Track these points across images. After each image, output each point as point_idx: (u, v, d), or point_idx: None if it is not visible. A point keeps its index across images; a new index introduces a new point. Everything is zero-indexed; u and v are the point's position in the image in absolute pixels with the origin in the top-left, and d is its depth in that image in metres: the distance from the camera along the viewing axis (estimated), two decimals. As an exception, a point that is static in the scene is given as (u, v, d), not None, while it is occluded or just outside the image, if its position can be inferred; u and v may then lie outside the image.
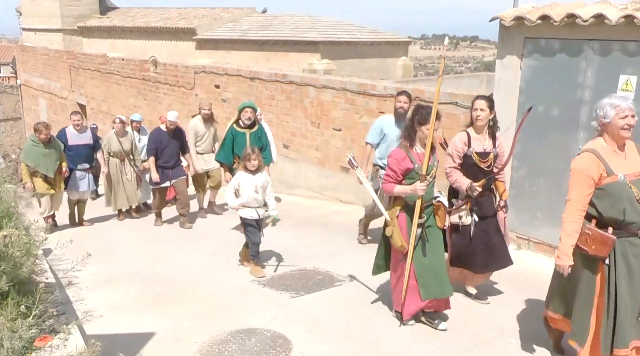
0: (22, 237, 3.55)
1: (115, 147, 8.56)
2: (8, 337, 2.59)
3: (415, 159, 4.31)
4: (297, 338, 4.36)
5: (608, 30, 5.22)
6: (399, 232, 4.37)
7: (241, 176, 5.72)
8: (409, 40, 22.97)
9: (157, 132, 8.09)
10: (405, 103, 6.19)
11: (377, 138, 6.36)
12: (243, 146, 6.82)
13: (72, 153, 8.15)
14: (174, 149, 8.10)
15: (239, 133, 7.21)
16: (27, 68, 23.42)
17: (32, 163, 7.60)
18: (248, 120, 7.19)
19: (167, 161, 8.01)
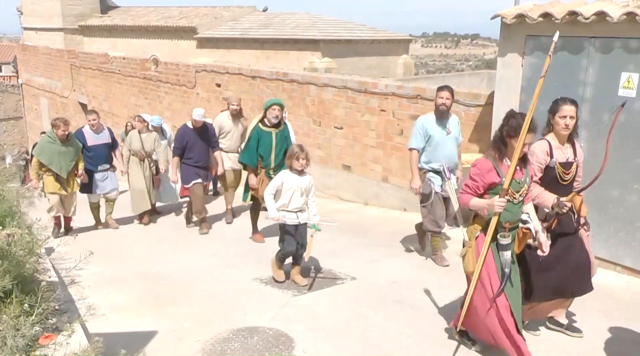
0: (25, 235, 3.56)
1: (136, 145, 8.23)
2: (11, 335, 2.60)
3: (503, 173, 3.75)
4: (299, 337, 4.37)
5: (609, 27, 5.22)
6: (473, 255, 3.85)
7: (286, 176, 5.29)
8: (410, 38, 22.94)
9: (184, 130, 7.60)
10: (447, 100, 5.77)
11: (423, 142, 5.82)
12: (269, 146, 6.58)
13: (91, 154, 7.78)
14: (202, 148, 7.61)
15: (264, 133, 6.63)
16: (29, 67, 23.44)
17: (46, 160, 7.18)
18: (275, 118, 6.59)
19: (198, 160, 7.55)
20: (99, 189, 7.89)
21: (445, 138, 5.81)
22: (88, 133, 7.85)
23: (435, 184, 5.78)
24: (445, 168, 4.99)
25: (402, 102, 8.00)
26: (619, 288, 5.26)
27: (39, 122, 23.00)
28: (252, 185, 6.64)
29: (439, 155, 5.77)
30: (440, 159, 5.72)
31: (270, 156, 6.61)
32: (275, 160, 6.63)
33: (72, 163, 7.34)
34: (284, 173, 5.34)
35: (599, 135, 5.52)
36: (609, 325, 4.52)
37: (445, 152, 5.80)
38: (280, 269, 5.60)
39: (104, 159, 7.93)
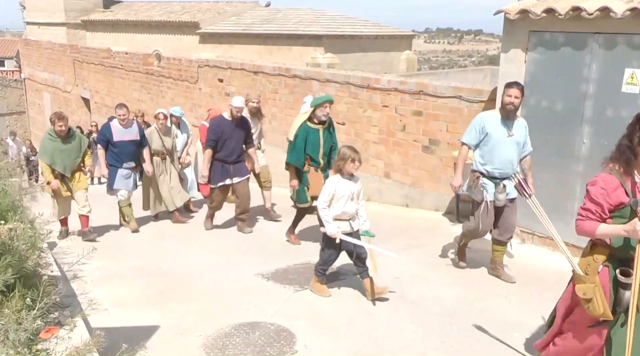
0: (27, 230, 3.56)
1: (157, 145, 7.78)
2: (13, 329, 2.61)
3: (632, 190, 3.11)
4: (301, 332, 4.38)
5: (613, 23, 5.20)
6: (602, 295, 3.12)
7: (338, 182, 4.84)
8: (413, 34, 22.91)
9: (219, 121, 7.01)
10: (516, 99, 5.05)
11: (477, 139, 5.26)
12: (316, 145, 6.21)
13: (117, 150, 7.32)
14: (238, 142, 7.03)
15: (312, 131, 6.21)
16: (31, 62, 23.46)
17: (48, 160, 6.76)
18: (325, 116, 6.22)
19: (229, 155, 6.98)
20: (123, 184, 7.39)
21: (506, 140, 5.15)
22: (115, 128, 7.37)
23: (488, 192, 5.21)
24: (520, 180, 4.40)
25: (404, 98, 7.99)
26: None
27: (42, 116, 23.04)
28: (293, 185, 6.32)
29: (495, 158, 5.17)
30: (496, 163, 5.17)
31: (318, 155, 6.27)
32: (323, 159, 6.32)
33: (76, 160, 6.91)
34: (336, 180, 4.86)
35: (603, 131, 5.50)
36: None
37: (503, 156, 5.15)
38: (323, 284, 5.16)
39: (129, 156, 7.40)
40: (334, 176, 4.93)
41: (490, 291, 5.13)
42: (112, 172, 7.38)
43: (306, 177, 6.30)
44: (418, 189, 8.02)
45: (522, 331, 4.38)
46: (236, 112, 6.93)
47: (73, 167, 6.89)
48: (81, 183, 7.00)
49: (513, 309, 4.75)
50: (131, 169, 7.45)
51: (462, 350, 4.14)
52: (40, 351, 2.68)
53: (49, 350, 2.73)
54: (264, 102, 10.53)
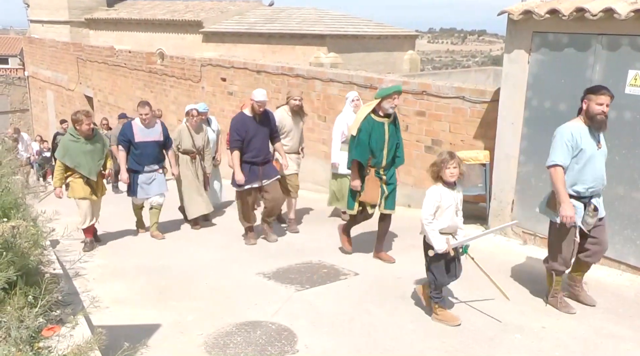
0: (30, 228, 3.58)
1: (187, 144, 7.33)
2: (15, 326, 2.62)
3: None
4: (302, 332, 4.38)
5: (617, 24, 5.19)
6: None
7: (443, 191, 4.32)
8: (416, 34, 22.89)
9: (241, 118, 6.45)
10: (607, 107, 4.36)
11: (569, 158, 4.44)
12: (381, 140, 5.58)
13: (138, 152, 6.81)
14: (263, 139, 6.48)
15: (377, 124, 5.57)
16: (35, 60, 23.50)
17: (71, 162, 6.21)
18: (393, 108, 5.61)
19: (257, 155, 6.39)
20: (144, 192, 6.93)
21: (597, 153, 4.49)
22: (137, 128, 6.85)
23: (578, 214, 4.50)
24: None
25: (407, 98, 7.98)
26: (623, 287, 5.24)
27: (45, 114, 23.09)
28: (355, 186, 5.66)
29: (588, 175, 4.46)
30: (589, 181, 4.48)
31: (382, 152, 5.61)
32: (387, 156, 5.67)
33: (100, 163, 6.45)
34: (439, 189, 4.34)
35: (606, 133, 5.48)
36: (612, 323, 4.51)
37: (595, 172, 4.48)
38: (446, 309, 4.58)
39: (152, 158, 6.89)
40: (435, 185, 4.37)
41: (491, 292, 5.12)
42: (133, 178, 6.90)
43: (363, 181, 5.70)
44: (421, 189, 8.01)
45: (523, 333, 4.37)
46: (258, 107, 6.35)
47: (97, 169, 6.42)
48: (102, 189, 6.61)
49: (514, 310, 4.74)
50: (153, 172, 6.95)
51: (462, 350, 4.14)
52: (42, 348, 2.69)
53: (50, 347, 2.74)
54: (266, 101, 10.56)
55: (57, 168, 6.33)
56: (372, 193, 5.64)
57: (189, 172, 7.37)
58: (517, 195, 6.37)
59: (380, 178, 5.67)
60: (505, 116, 6.38)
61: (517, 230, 6.44)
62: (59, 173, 6.29)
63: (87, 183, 6.30)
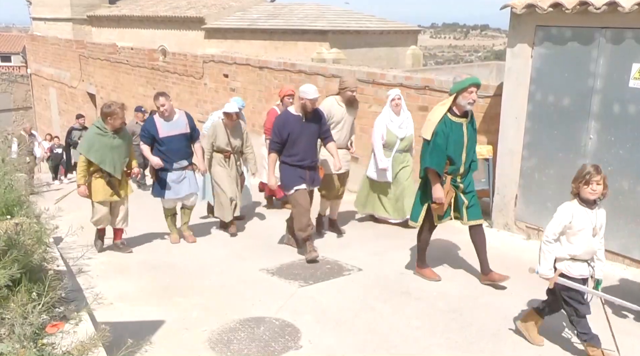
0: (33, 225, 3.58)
1: (222, 142, 6.68)
2: (19, 323, 2.62)
3: None
4: (306, 328, 4.38)
5: (621, 17, 5.16)
6: None
7: (576, 210, 3.76)
8: (419, 29, 22.80)
9: (285, 117, 5.75)
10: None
11: None
12: (459, 144, 4.85)
13: (164, 149, 6.20)
14: (310, 142, 5.77)
15: (454, 125, 4.83)
16: (37, 57, 23.51)
17: (97, 158, 5.74)
18: (471, 104, 4.85)
19: (302, 159, 5.73)
20: (173, 192, 6.35)
21: None
22: (160, 122, 6.24)
23: None
24: None
25: (410, 93, 7.96)
26: (627, 280, 5.23)
27: (48, 112, 23.11)
28: (438, 198, 4.87)
29: None
30: None
31: (461, 156, 4.90)
32: (466, 162, 4.98)
33: (126, 160, 6.00)
34: (572, 207, 3.77)
35: (609, 127, 5.47)
36: (618, 317, 4.50)
37: None
38: (599, 347, 3.86)
39: (180, 154, 6.31)
40: (570, 202, 3.82)
41: (494, 287, 5.11)
42: (161, 176, 6.33)
43: None
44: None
45: (527, 327, 4.36)
46: (310, 104, 5.67)
47: (123, 167, 5.98)
48: (127, 188, 6.15)
49: (518, 305, 4.74)
50: (183, 169, 6.37)
51: (466, 346, 4.13)
52: (46, 345, 2.69)
53: (54, 344, 2.74)
54: (269, 98, 10.55)
55: (81, 165, 5.84)
56: (445, 205, 4.93)
57: (225, 174, 6.74)
58: (521, 189, 6.35)
59: (456, 187, 4.98)
60: (509, 111, 6.35)
61: (520, 225, 6.42)
62: (83, 170, 5.80)
63: (109, 183, 5.86)
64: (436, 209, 4.97)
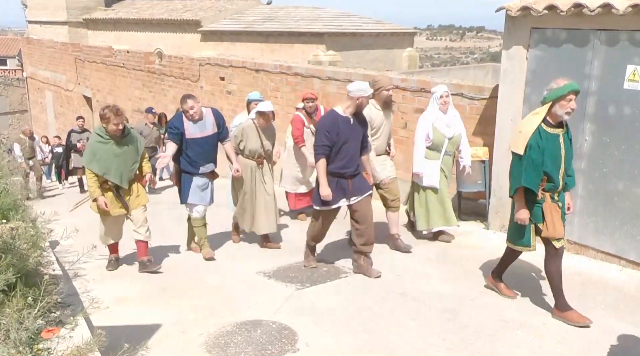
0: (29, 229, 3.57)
1: (254, 144, 6.04)
2: (15, 328, 2.61)
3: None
4: (303, 330, 4.38)
5: (615, 19, 5.18)
6: None
7: None
8: (415, 31, 22.87)
9: (334, 118, 5.15)
10: None
11: None
12: (557, 158, 4.33)
13: (190, 151, 5.73)
14: (356, 146, 5.23)
15: (550, 137, 4.31)
16: (33, 61, 23.49)
17: (99, 169, 5.26)
18: (569, 114, 4.31)
19: (347, 165, 5.16)
20: (198, 197, 5.86)
21: None
22: (187, 122, 5.76)
23: None
24: None
25: (406, 95, 7.98)
26: (623, 282, 5.24)
27: (44, 115, 23.09)
28: (522, 220, 4.40)
29: None
30: None
31: (558, 172, 4.36)
32: (563, 177, 4.44)
33: (134, 167, 5.48)
34: None
35: (605, 128, 5.49)
36: (613, 319, 4.51)
37: None
38: None
39: (207, 157, 5.81)
40: None
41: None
42: (186, 180, 5.85)
43: (539, 210, 4.41)
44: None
45: (524, 329, 4.37)
46: (359, 103, 5.15)
47: (130, 176, 5.46)
48: (140, 198, 5.56)
49: (515, 307, 4.74)
50: (209, 175, 5.89)
51: (463, 347, 4.14)
52: (42, 350, 2.69)
53: (50, 349, 2.73)
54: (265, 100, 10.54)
55: (90, 177, 5.33)
56: (557, 225, 4.38)
57: (253, 180, 6.09)
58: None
59: (557, 204, 4.45)
60: (504, 112, 6.37)
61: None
62: (94, 182, 5.30)
63: (117, 195, 5.38)
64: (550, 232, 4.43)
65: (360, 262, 5.50)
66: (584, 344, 4.16)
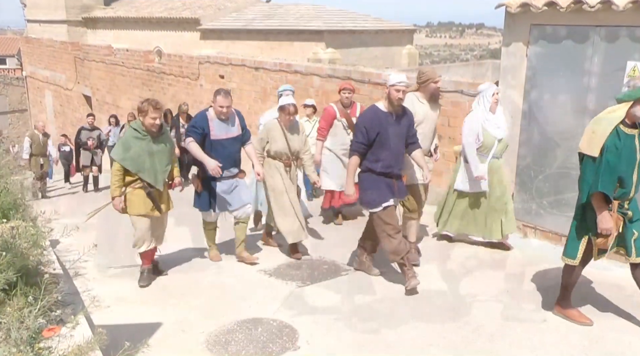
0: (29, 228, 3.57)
1: (280, 145, 5.68)
2: (15, 327, 2.61)
3: None
4: (303, 328, 4.38)
5: (615, 16, 5.17)
6: None
7: None
8: (414, 28, 22.82)
9: (374, 113, 4.82)
10: None
11: None
12: (632, 161, 3.99)
13: (215, 153, 5.30)
14: (400, 144, 4.89)
15: (627, 139, 3.97)
16: (33, 60, 23.47)
17: (134, 166, 4.87)
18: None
19: (390, 165, 4.81)
20: (223, 205, 5.52)
21: None
22: (213, 121, 5.33)
23: None
24: None
25: (406, 92, 7.95)
26: (623, 278, 5.24)
27: (44, 114, 23.06)
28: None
29: None
30: None
31: (632, 177, 4.05)
32: (637, 183, 4.08)
33: (168, 168, 5.13)
34: None
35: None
36: (614, 315, 4.52)
37: None
38: None
39: (232, 161, 5.45)
40: None
41: (492, 286, 5.11)
42: (208, 186, 5.45)
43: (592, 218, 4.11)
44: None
45: (524, 327, 4.37)
46: (399, 96, 4.73)
47: (165, 176, 5.10)
48: (169, 203, 5.28)
49: (515, 305, 4.74)
50: (234, 177, 5.51)
51: (463, 346, 4.14)
52: (43, 349, 2.69)
53: (51, 348, 2.73)
54: (265, 98, 10.55)
55: (115, 173, 4.93)
56: (610, 239, 4.11)
57: (281, 183, 5.71)
58: (517, 187, 6.35)
59: (624, 214, 4.10)
60: (504, 109, 6.35)
61: (517, 224, 6.42)
62: (118, 180, 4.92)
63: (149, 195, 4.99)
64: (601, 243, 4.12)
65: (363, 258, 5.36)
66: (583, 340, 4.16)
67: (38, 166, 11.96)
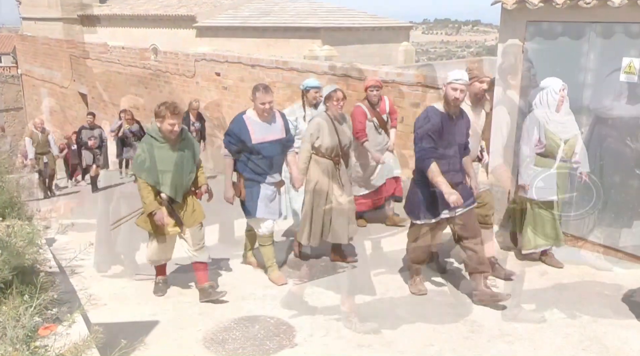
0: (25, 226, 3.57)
1: (331, 141, 5.18)
2: (11, 326, 2.61)
3: None
4: (301, 325, 4.38)
5: (611, 12, 5.17)
6: None
7: None
8: (411, 25, 22.84)
9: (432, 114, 4.40)
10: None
11: None
12: None
13: (258, 158, 4.81)
14: (458, 148, 4.51)
15: None
16: (28, 58, 23.38)
17: (152, 178, 4.42)
18: None
19: (448, 170, 4.39)
20: (266, 211, 4.96)
21: None
22: (253, 124, 4.81)
23: None
24: None
25: (402, 89, 7.96)
26: (619, 275, 5.25)
27: (39, 112, 22.98)
28: None
29: None
30: None
31: None
32: None
33: (190, 177, 4.61)
34: None
35: (601, 120, 5.48)
36: (609, 311, 4.52)
37: None
38: None
39: (276, 165, 4.95)
40: None
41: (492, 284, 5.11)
42: (252, 190, 4.91)
43: None
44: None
45: (523, 325, 4.37)
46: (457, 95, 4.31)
47: (186, 187, 4.62)
48: (196, 214, 4.68)
49: (514, 302, 4.74)
50: (277, 184, 5.01)
51: (462, 343, 4.14)
52: (39, 347, 2.68)
53: (47, 346, 2.72)
54: (261, 96, 10.51)
55: (142, 187, 4.45)
56: None
57: (328, 185, 5.20)
58: (514, 185, 6.35)
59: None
60: (501, 106, 6.36)
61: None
62: (147, 193, 4.44)
63: (170, 211, 4.53)
64: None
65: (481, 287, 4.57)
66: (581, 337, 4.17)
67: (42, 165, 11.73)
